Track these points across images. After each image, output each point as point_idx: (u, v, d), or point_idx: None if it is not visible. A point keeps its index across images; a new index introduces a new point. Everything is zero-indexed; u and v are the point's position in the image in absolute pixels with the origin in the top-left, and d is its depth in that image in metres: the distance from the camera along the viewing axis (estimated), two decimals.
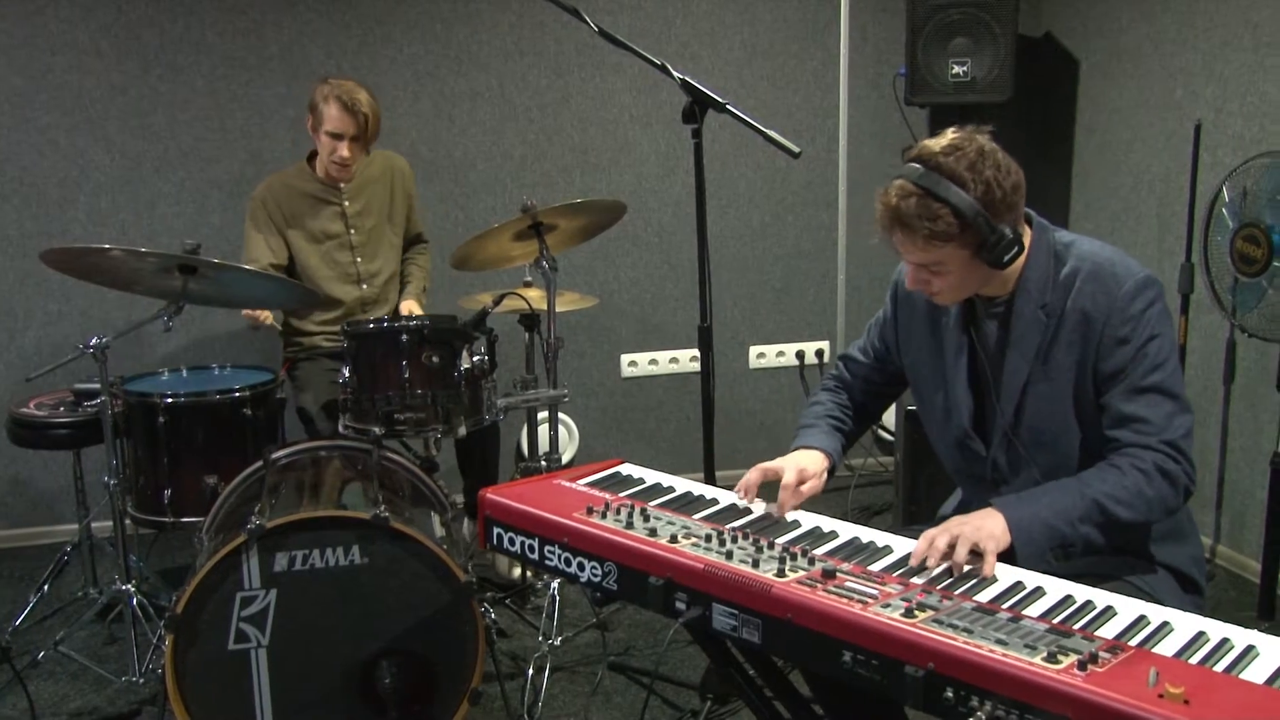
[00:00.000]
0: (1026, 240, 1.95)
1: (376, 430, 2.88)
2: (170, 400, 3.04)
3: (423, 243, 3.85)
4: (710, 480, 2.68)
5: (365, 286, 3.62)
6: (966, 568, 1.74)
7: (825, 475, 2.12)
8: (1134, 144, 4.08)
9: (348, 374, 2.95)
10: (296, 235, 3.53)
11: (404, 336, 2.90)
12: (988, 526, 1.78)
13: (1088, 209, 4.38)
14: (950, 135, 1.89)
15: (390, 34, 4.18)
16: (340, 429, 3.03)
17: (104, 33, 3.97)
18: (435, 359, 2.92)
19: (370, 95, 3.41)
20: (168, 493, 3.04)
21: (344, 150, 3.41)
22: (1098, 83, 4.28)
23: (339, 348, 3.17)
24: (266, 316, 3.35)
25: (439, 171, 4.27)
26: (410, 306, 3.63)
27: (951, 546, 1.75)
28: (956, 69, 3.98)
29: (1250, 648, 1.50)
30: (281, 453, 2.90)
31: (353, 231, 3.58)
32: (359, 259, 3.60)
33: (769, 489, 2.09)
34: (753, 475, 2.07)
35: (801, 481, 2.06)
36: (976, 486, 2.13)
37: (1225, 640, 1.52)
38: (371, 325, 2.98)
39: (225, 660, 2.45)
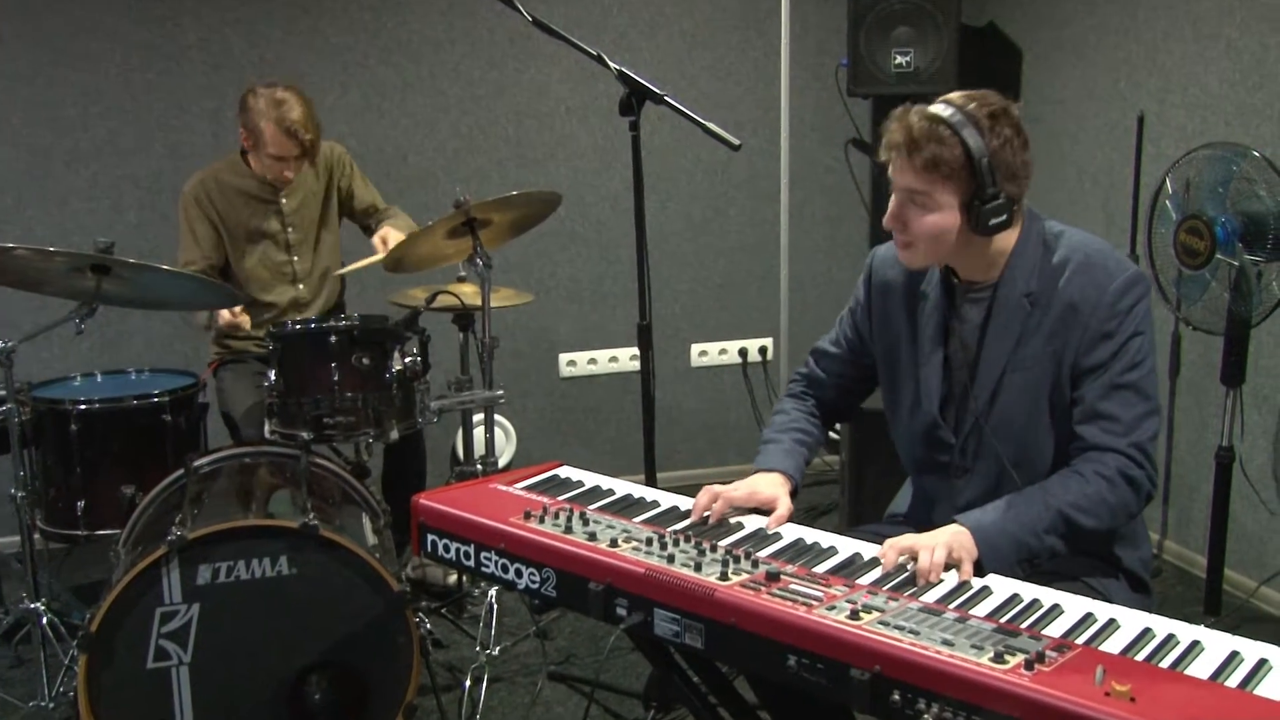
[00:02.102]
0: (1017, 226, 1.94)
1: (305, 435, 2.81)
2: (84, 407, 2.95)
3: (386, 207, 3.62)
4: (651, 482, 2.66)
5: (301, 286, 3.51)
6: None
7: (788, 500, 2.02)
8: (1079, 135, 4.08)
9: (273, 377, 2.87)
10: (231, 234, 3.41)
11: (332, 338, 2.83)
12: (958, 539, 1.77)
13: (1033, 199, 4.29)
14: (978, 91, 1.92)
15: (316, 23, 4.06)
16: (267, 434, 2.94)
17: (4, 17, 3.78)
18: (365, 360, 2.85)
19: (305, 106, 3.22)
20: (81, 504, 2.95)
21: (289, 172, 3.31)
22: (1041, 73, 4.28)
23: (268, 351, 3.08)
24: (242, 319, 3.19)
25: (369, 165, 4.11)
26: (387, 234, 3.35)
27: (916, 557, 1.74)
28: (899, 59, 3.97)
29: (1195, 643, 1.51)
30: (204, 460, 2.81)
31: (290, 229, 3.47)
32: (295, 258, 3.49)
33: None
34: (713, 503, 1.98)
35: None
36: (937, 478, 2.08)
37: (1171, 636, 1.54)
38: (298, 326, 2.91)
39: (143, 680, 2.36)
